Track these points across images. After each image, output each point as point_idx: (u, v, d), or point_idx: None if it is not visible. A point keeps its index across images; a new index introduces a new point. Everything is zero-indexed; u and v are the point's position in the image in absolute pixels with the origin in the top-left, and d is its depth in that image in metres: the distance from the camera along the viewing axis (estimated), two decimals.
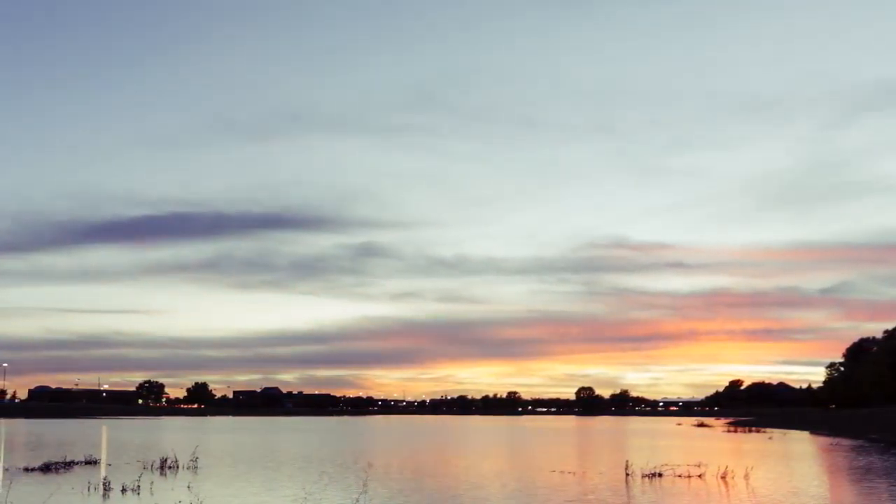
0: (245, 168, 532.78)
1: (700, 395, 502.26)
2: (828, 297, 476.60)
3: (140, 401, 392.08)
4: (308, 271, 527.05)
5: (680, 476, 52.88)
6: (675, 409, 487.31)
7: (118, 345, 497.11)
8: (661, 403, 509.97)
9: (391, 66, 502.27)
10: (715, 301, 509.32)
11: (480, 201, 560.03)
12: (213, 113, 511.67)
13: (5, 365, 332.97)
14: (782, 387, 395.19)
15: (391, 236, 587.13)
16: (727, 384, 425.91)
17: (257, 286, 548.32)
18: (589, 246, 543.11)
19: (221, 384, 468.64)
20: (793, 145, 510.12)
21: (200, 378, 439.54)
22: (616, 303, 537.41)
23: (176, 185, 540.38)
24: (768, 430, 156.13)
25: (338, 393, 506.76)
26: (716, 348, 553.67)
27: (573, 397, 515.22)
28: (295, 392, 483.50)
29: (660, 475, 52.72)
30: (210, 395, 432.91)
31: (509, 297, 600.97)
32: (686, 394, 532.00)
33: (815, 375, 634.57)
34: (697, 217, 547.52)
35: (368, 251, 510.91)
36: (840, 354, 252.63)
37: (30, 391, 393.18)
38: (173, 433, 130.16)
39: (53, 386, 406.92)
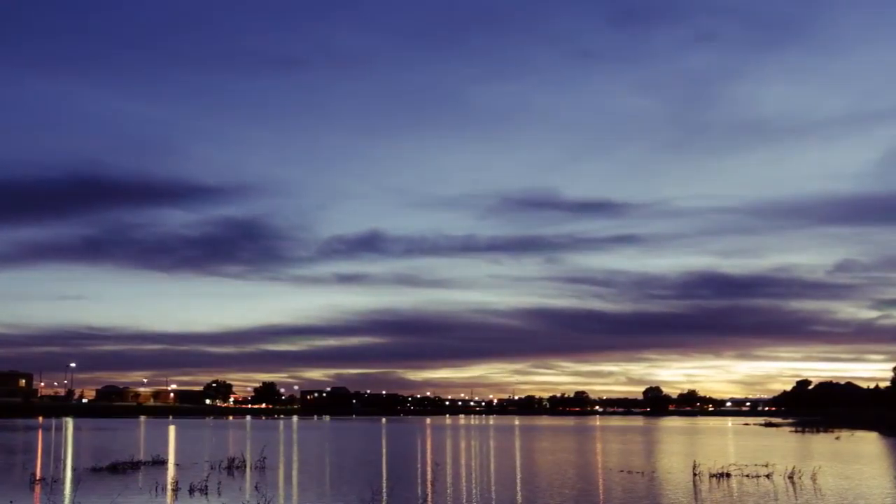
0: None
1: (746, 394, 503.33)
2: (841, 281, 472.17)
3: (208, 401, 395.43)
4: (216, 251, 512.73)
5: (748, 476, 53.17)
6: (743, 409, 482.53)
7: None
8: (728, 403, 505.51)
9: None
10: (712, 287, 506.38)
11: (317, 159, 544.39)
12: None
13: (72, 365, 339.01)
14: (850, 387, 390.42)
15: (256, 208, 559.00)
16: (794, 384, 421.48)
17: (172, 269, 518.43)
18: (510, 208, 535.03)
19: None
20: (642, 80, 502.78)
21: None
22: (605, 292, 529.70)
23: None
24: (835, 430, 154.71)
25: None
26: (739, 342, 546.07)
27: (640, 396, 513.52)
28: (363, 392, 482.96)
29: (727, 475, 53.09)
30: (277, 395, 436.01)
31: (475, 282, 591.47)
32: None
33: (854, 372, 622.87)
34: (600, 171, 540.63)
35: (254, 229, 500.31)
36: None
37: (97, 391, 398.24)
38: (240, 433, 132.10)
39: (120, 385, 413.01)
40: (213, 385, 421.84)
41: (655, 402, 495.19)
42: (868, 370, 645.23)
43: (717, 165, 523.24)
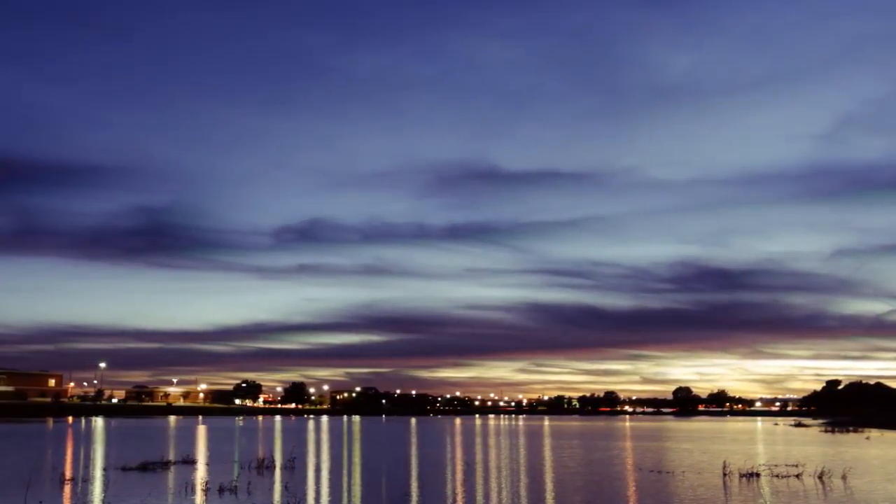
0: None
1: (767, 393, 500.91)
2: (840, 274, 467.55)
3: (237, 401, 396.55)
4: (155, 241, 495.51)
5: (777, 476, 52.99)
6: (772, 409, 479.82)
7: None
8: (757, 403, 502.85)
9: None
10: (706, 280, 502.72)
11: (214, 140, 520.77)
12: None
13: (102, 366, 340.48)
14: (880, 387, 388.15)
15: (175, 195, 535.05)
16: (824, 384, 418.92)
17: (115, 260, 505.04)
18: (449, 184, 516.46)
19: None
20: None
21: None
22: (590, 283, 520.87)
23: None
24: (866, 430, 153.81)
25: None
26: (747, 339, 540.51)
27: (669, 396, 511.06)
28: (392, 392, 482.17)
29: (757, 475, 52.93)
30: (307, 395, 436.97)
31: (446, 273, 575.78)
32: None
33: (868, 371, 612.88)
34: (529, 141, 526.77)
35: (183, 217, 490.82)
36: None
37: (126, 391, 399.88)
38: (270, 433, 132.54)
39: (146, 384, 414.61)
40: (243, 385, 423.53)
41: (685, 402, 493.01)
42: (888, 369, 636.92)
43: (652, 134, 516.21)
